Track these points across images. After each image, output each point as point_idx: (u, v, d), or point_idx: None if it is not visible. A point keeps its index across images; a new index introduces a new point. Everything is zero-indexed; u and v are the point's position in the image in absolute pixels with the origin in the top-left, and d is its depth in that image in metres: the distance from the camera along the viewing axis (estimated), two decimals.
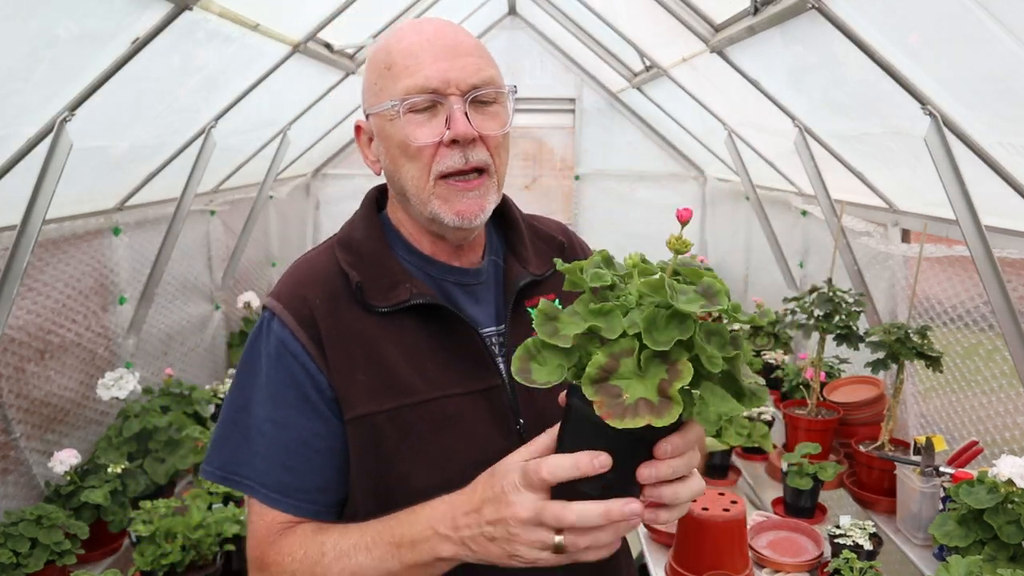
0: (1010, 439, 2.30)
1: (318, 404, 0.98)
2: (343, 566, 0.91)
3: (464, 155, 0.97)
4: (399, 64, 0.97)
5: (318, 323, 0.98)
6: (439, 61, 0.96)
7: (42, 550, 2.09)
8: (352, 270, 1.01)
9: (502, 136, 1.01)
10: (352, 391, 0.97)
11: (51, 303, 2.62)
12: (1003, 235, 2.19)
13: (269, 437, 0.99)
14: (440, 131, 0.96)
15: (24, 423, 2.46)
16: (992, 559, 1.81)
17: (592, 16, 4.21)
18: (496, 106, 1.00)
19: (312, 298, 1.00)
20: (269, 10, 2.61)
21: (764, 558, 2.15)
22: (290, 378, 0.98)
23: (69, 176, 2.07)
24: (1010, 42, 1.63)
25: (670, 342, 0.69)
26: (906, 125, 2.28)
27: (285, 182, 5.03)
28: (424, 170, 0.97)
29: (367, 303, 0.99)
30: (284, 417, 0.98)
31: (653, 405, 0.68)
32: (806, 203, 3.82)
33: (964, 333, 2.52)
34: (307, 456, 0.98)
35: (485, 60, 1.00)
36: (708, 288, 0.73)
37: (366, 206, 1.11)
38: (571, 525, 0.75)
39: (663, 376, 0.69)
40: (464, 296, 1.06)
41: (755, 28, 2.47)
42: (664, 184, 6.02)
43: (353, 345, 0.98)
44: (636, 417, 0.67)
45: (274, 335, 1.00)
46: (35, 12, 1.67)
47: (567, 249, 1.16)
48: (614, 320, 0.71)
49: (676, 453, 0.75)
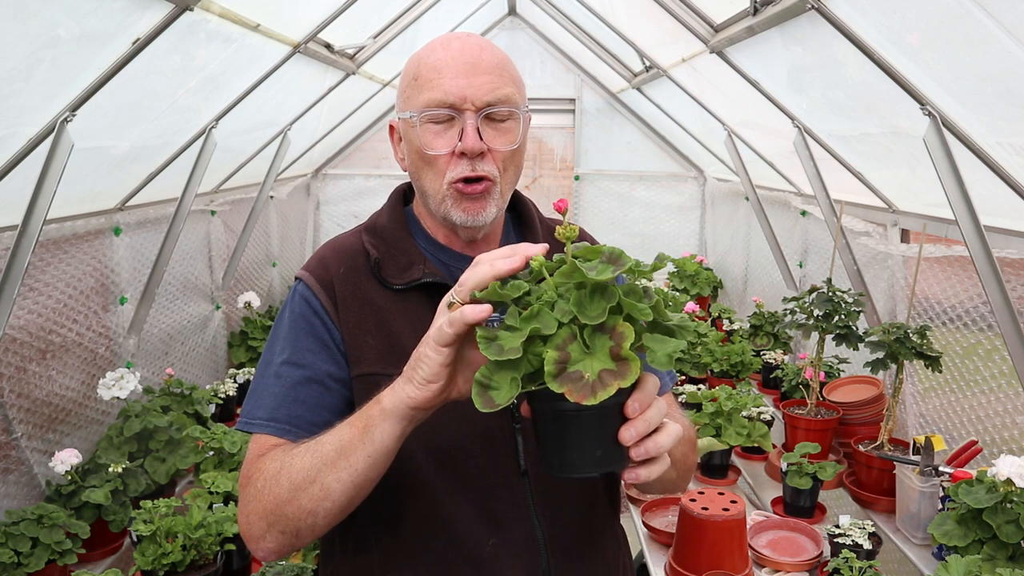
0: (1009, 439, 2.30)
1: (334, 351, 1.08)
2: (306, 451, 0.97)
3: (472, 165, 1.06)
4: (424, 77, 1.07)
5: (335, 288, 1.10)
6: (459, 78, 1.05)
7: (43, 549, 2.10)
8: (373, 250, 1.13)
9: (510, 152, 1.09)
10: (362, 351, 1.07)
11: (52, 303, 2.62)
12: (1002, 235, 2.20)
13: (284, 377, 1.07)
14: (453, 143, 1.06)
15: (25, 423, 2.46)
16: (991, 558, 1.81)
17: (592, 16, 4.21)
18: (509, 122, 1.09)
19: (335, 267, 1.12)
20: (269, 10, 2.61)
21: (764, 558, 2.16)
22: (309, 327, 1.09)
23: (70, 176, 2.08)
24: (1009, 42, 1.63)
25: (604, 311, 0.76)
26: (905, 125, 2.28)
27: (285, 182, 5.03)
28: (440, 176, 1.08)
29: (383, 279, 1.11)
30: (300, 358, 1.08)
31: (614, 371, 0.74)
32: (805, 203, 3.83)
33: (963, 333, 2.52)
34: (319, 392, 1.06)
35: (504, 79, 1.08)
36: (611, 255, 0.80)
37: (393, 199, 1.23)
38: (461, 282, 0.85)
39: (610, 344, 0.76)
40: None
41: (755, 29, 2.48)
42: (664, 184, 6.03)
43: (366, 311, 1.09)
44: (606, 387, 0.73)
45: (298, 295, 1.12)
46: (36, 12, 1.67)
47: None
48: (546, 317, 0.77)
49: (645, 406, 0.80)
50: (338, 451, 0.93)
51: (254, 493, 1.00)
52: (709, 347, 3.61)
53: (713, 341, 3.65)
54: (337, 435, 0.95)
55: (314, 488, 0.94)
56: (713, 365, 3.56)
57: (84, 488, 2.37)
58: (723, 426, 2.75)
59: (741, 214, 5.00)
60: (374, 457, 0.91)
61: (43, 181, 2.03)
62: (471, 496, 1.06)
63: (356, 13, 3.19)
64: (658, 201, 6.05)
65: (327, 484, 0.93)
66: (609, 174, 6.06)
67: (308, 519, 0.95)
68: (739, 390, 3.00)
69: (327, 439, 0.95)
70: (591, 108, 5.99)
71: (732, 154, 4.09)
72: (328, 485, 0.93)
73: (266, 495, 0.98)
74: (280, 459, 1.00)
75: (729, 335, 4.03)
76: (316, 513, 0.95)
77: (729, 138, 4.02)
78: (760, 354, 3.76)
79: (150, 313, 3.20)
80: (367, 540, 1.09)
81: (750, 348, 3.62)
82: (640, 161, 6.01)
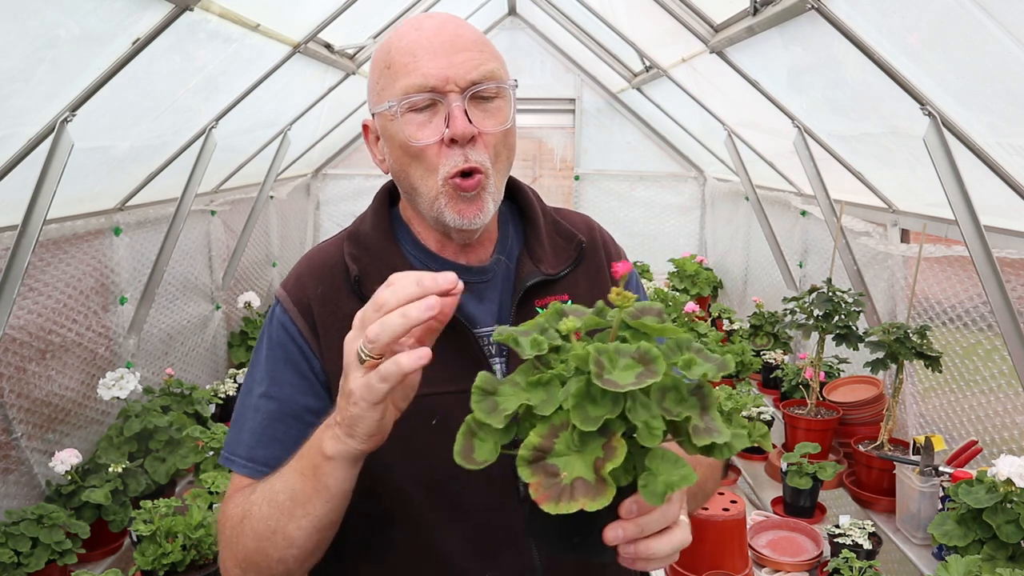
0: (1009, 439, 2.30)
1: (314, 383, 1.00)
2: (263, 499, 0.92)
3: (464, 154, 0.96)
4: (398, 63, 0.96)
5: (314, 310, 1.01)
6: (437, 58, 0.95)
7: (43, 549, 2.10)
8: (354, 263, 1.02)
9: (503, 133, 0.99)
10: None
11: (52, 303, 2.62)
12: (1002, 235, 2.20)
13: (262, 412, 1.01)
14: (440, 130, 0.96)
15: (25, 423, 2.46)
16: (991, 558, 1.81)
17: (592, 16, 4.21)
18: (498, 101, 0.99)
19: (312, 287, 1.03)
20: (269, 10, 2.61)
21: (764, 558, 2.16)
22: (286, 355, 1.01)
23: (70, 176, 2.08)
24: (1009, 42, 1.63)
25: (599, 420, 0.63)
26: (905, 125, 2.28)
27: (285, 182, 5.03)
28: (431, 171, 0.97)
29: (364, 295, 0.97)
30: (278, 392, 1.00)
31: (590, 485, 0.63)
32: (805, 203, 3.83)
33: (963, 333, 2.52)
34: (297, 429, 0.98)
35: (486, 54, 0.98)
36: (644, 354, 0.66)
37: (378, 201, 1.11)
38: (375, 336, 0.75)
39: (598, 455, 0.64)
40: (466, 295, 1.03)
41: (755, 29, 2.48)
42: (664, 184, 6.03)
43: (347, 334, 1.01)
44: (571, 501, 0.62)
45: (276, 319, 1.04)
46: (36, 13, 1.67)
47: (587, 249, 1.13)
48: (552, 390, 0.67)
49: (644, 510, 0.69)
50: (293, 501, 0.87)
51: (225, 541, 0.97)
52: (709, 347, 3.61)
53: (713, 341, 3.65)
54: (287, 483, 0.88)
55: (276, 538, 0.89)
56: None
57: (84, 488, 2.37)
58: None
59: (741, 214, 5.00)
60: (332, 502, 0.86)
61: (43, 181, 2.03)
62: (466, 526, 0.98)
63: (356, 13, 3.19)
64: (658, 201, 6.05)
65: (289, 533, 0.88)
66: (609, 174, 6.05)
67: (279, 567, 0.91)
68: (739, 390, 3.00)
69: (279, 487, 0.90)
70: (591, 108, 5.99)
71: (732, 154, 4.08)
72: (290, 534, 0.88)
73: (236, 545, 0.94)
74: (243, 505, 0.94)
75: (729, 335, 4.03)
76: (285, 560, 0.90)
77: (729, 138, 4.02)
78: (760, 354, 3.76)
79: (150, 313, 3.20)
80: (357, 572, 1.03)
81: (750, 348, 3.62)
82: (640, 161, 6.01)
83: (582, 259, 1.12)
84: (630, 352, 0.66)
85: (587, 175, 6.08)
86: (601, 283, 1.11)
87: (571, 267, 1.10)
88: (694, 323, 3.85)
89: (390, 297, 0.76)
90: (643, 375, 0.63)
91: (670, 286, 5.08)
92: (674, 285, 5.08)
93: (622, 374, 0.64)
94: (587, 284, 1.10)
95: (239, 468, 1.01)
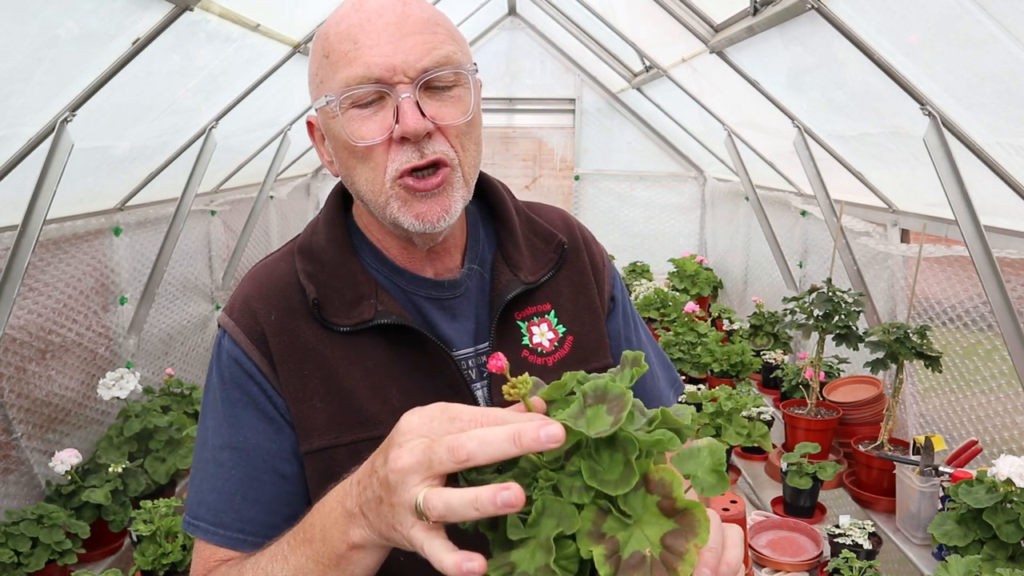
0: (1009, 439, 2.30)
1: (280, 423, 0.87)
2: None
3: (419, 149, 0.83)
4: (337, 51, 0.83)
5: (269, 341, 0.87)
6: (382, 44, 0.81)
7: (43, 549, 2.10)
8: (310, 283, 0.89)
9: (464, 125, 0.85)
10: (309, 420, 0.86)
11: (52, 303, 2.62)
12: (1002, 235, 2.20)
13: (226, 466, 0.86)
14: (388, 125, 0.82)
15: (25, 423, 2.46)
16: (991, 558, 1.81)
17: (592, 16, 4.21)
18: (457, 89, 0.85)
19: (264, 314, 0.89)
20: (269, 11, 2.62)
21: (764, 558, 2.16)
22: (245, 396, 0.87)
23: (70, 176, 2.08)
24: (1009, 42, 1.63)
25: (627, 470, 0.57)
26: (905, 125, 2.28)
27: (285, 182, 5.03)
28: (378, 171, 0.84)
29: (326, 321, 0.87)
30: (241, 440, 0.86)
31: (680, 531, 0.56)
32: (805, 203, 3.83)
33: (963, 333, 2.52)
34: (273, 483, 0.86)
35: (440, 36, 0.84)
36: (597, 391, 0.60)
37: (331, 205, 0.96)
38: (442, 508, 0.58)
39: (655, 499, 0.57)
40: (438, 312, 0.93)
41: (755, 29, 2.48)
42: (664, 184, 6.03)
43: (309, 367, 0.87)
44: (685, 555, 0.54)
45: (226, 353, 0.89)
46: (36, 13, 1.67)
47: (568, 249, 1.01)
48: (559, 508, 0.58)
49: (715, 562, 0.61)
50: None
51: None
52: (709, 347, 3.61)
53: (713, 341, 3.65)
54: (299, 572, 0.72)
55: None
56: (713, 365, 3.56)
57: (84, 488, 2.37)
58: (723, 426, 2.75)
59: (741, 214, 5.00)
60: None
61: (43, 181, 2.03)
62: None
63: None
64: (658, 201, 6.05)
65: None
66: (609, 174, 6.06)
67: None
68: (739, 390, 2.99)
69: (279, 574, 0.74)
70: (591, 108, 5.99)
71: (732, 154, 4.09)
72: None
73: None
74: None
75: (729, 335, 4.03)
76: None
77: (729, 138, 4.02)
78: (760, 354, 3.76)
79: (150, 313, 3.20)
80: None
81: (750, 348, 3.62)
82: (640, 161, 6.02)
83: (564, 262, 1.00)
84: (578, 398, 0.60)
85: (587, 175, 6.08)
86: (585, 288, 1.00)
87: (552, 271, 0.98)
88: (694, 323, 3.85)
89: (478, 453, 0.57)
90: (614, 410, 0.58)
91: (670, 286, 5.08)
92: (674, 285, 5.08)
93: (595, 421, 0.58)
94: (570, 290, 0.99)
95: (207, 536, 0.86)
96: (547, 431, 0.56)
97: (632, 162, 6.02)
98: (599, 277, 1.03)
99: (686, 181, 6.01)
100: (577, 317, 0.98)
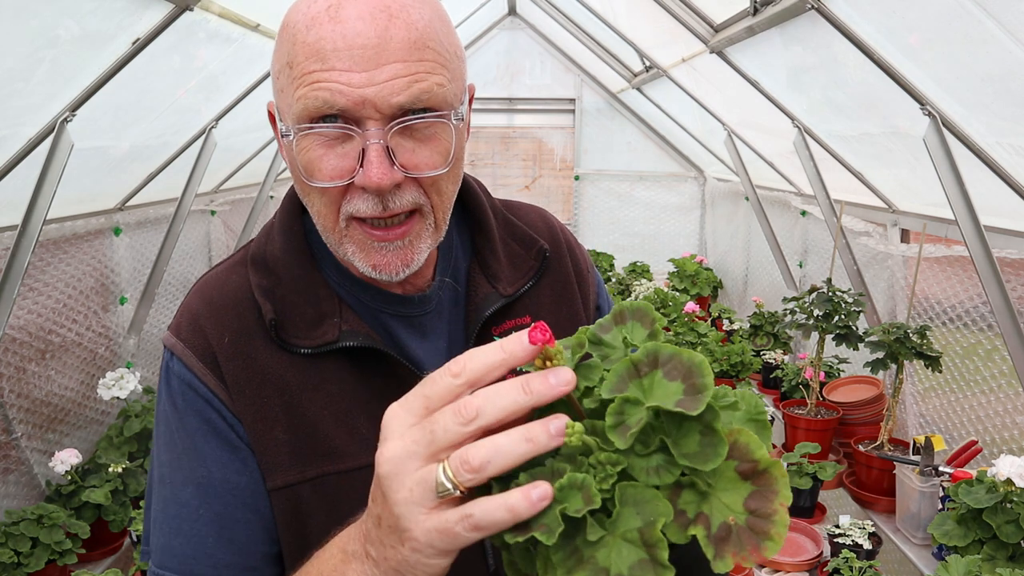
0: (1009, 439, 2.30)
1: (243, 450, 0.78)
2: None
3: (382, 202, 0.72)
4: (300, 65, 0.69)
5: (221, 365, 0.78)
6: (354, 70, 0.68)
7: (43, 549, 2.10)
8: (266, 300, 0.79)
9: (444, 173, 0.74)
10: (271, 453, 0.77)
11: (52, 303, 2.62)
12: (1002, 235, 2.20)
13: (191, 506, 0.76)
14: (350, 168, 0.71)
15: (25, 423, 2.46)
16: (991, 558, 1.81)
17: (592, 16, 4.21)
18: (437, 127, 0.72)
19: (215, 335, 0.78)
20: (269, 10, 2.61)
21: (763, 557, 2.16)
22: (206, 425, 0.77)
23: (70, 176, 2.08)
24: (1009, 42, 1.63)
25: (703, 441, 0.51)
26: (905, 125, 2.28)
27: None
28: (332, 206, 0.73)
29: (284, 342, 0.78)
30: (207, 476, 0.77)
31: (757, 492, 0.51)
32: (805, 203, 3.83)
33: (963, 333, 2.52)
34: (246, 520, 0.77)
35: (427, 64, 0.70)
36: (651, 355, 0.53)
37: (286, 209, 0.85)
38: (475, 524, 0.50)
39: (735, 464, 0.52)
40: (407, 330, 0.84)
41: (755, 29, 2.48)
42: (664, 184, 6.04)
43: (267, 392, 0.78)
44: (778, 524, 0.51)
45: (176, 378, 0.79)
46: (36, 12, 1.67)
47: (549, 257, 0.92)
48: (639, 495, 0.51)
49: None
50: None
51: None
52: (709, 347, 3.61)
53: (713, 341, 3.65)
54: None
55: None
56: (713, 365, 3.56)
57: (84, 488, 2.37)
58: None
59: (741, 214, 5.00)
60: None
61: (43, 181, 2.03)
62: None
63: None
64: (658, 201, 6.05)
65: None
66: (609, 174, 6.06)
67: None
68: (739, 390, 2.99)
69: None
70: (591, 108, 5.99)
71: (732, 154, 4.09)
72: None
73: None
74: None
75: (729, 335, 4.03)
76: None
77: (729, 138, 4.02)
78: (760, 354, 3.76)
79: (150, 313, 3.20)
80: None
81: (750, 348, 3.62)
82: (640, 161, 6.02)
83: (545, 270, 0.91)
84: (627, 362, 0.53)
85: (587, 175, 6.08)
86: (569, 298, 0.92)
87: (532, 281, 0.89)
88: (694, 323, 3.85)
89: (487, 406, 0.50)
90: (687, 379, 0.51)
91: (670, 286, 5.08)
92: (674, 285, 5.08)
93: (660, 391, 0.51)
94: (552, 301, 0.91)
95: None
96: (556, 374, 0.49)
97: (632, 162, 6.02)
98: (584, 285, 0.96)
99: (686, 181, 6.01)
100: (559, 330, 0.88)
